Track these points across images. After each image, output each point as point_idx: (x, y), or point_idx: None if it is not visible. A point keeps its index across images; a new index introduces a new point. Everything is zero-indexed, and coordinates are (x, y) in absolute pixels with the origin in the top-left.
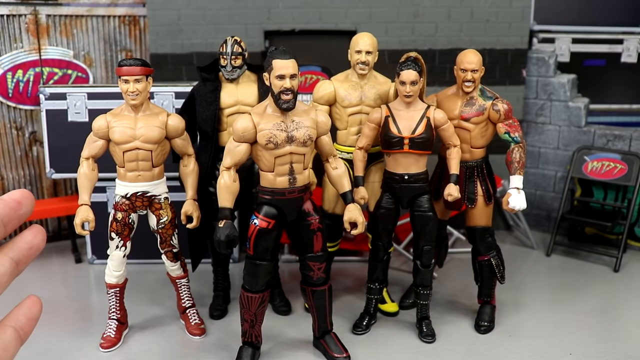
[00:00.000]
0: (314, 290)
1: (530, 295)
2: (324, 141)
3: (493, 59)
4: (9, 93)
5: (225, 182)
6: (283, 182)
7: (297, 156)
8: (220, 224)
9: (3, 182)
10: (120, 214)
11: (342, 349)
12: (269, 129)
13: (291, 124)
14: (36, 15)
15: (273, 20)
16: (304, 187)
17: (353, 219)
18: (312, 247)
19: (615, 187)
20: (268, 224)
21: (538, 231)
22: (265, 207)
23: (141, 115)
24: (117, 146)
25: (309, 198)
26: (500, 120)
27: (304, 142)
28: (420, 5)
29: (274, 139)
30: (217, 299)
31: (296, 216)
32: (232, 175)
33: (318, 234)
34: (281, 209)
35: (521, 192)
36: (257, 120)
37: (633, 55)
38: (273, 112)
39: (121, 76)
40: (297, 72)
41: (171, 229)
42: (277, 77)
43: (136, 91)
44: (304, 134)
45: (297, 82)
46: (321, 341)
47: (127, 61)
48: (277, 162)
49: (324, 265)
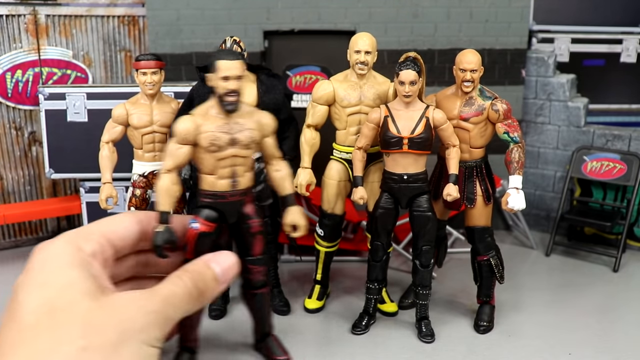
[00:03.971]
0: (254, 294)
1: (529, 295)
2: (268, 143)
3: (492, 59)
4: (8, 93)
5: (165, 185)
6: (225, 185)
7: (240, 159)
8: (159, 229)
9: (2, 183)
10: (139, 190)
11: (282, 352)
12: (212, 131)
13: (235, 126)
14: (35, 15)
15: (272, 20)
16: (246, 190)
17: (295, 221)
18: (252, 250)
19: (614, 187)
20: (209, 228)
21: (537, 231)
22: (206, 210)
23: (155, 104)
24: (136, 130)
25: (251, 201)
26: (500, 120)
27: (247, 145)
28: (420, 5)
29: (216, 142)
30: (217, 298)
31: (237, 219)
32: (173, 178)
33: (259, 237)
34: (221, 212)
35: (520, 192)
36: (199, 122)
37: (632, 55)
38: (217, 113)
39: (139, 69)
40: (243, 73)
41: (182, 203)
42: (221, 79)
43: (153, 82)
44: (247, 136)
45: (243, 83)
46: (262, 345)
47: (145, 56)
48: (219, 164)
49: (263, 269)
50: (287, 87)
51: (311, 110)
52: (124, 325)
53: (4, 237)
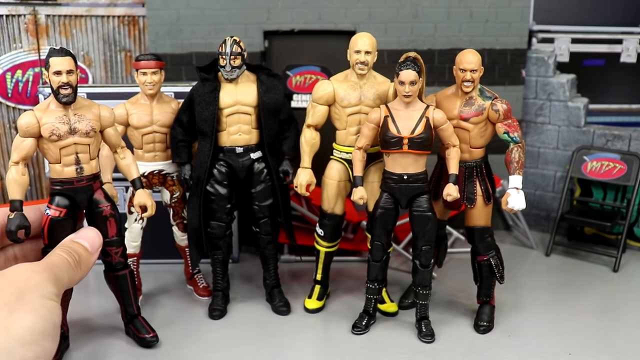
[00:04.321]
0: (116, 276)
1: (529, 295)
2: (109, 133)
3: (492, 59)
4: (8, 93)
5: (14, 177)
6: (70, 172)
7: (82, 146)
8: (11, 216)
9: (2, 182)
10: None
11: (149, 330)
12: (51, 122)
13: (73, 117)
14: (35, 15)
15: (272, 20)
16: (93, 176)
17: (142, 202)
18: (106, 233)
19: (614, 187)
20: (60, 213)
21: (537, 231)
22: (57, 197)
23: (155, 104)
24: (136, 130)
25: (100, 187)
26: (500, 120)
27: (87, 133)
28: (420, 5)
29: (56, 131)
30: (217, 298)
31: (88, 204)
32: (21, 169)
33: (111, 219)
34: (72, 198)
35: (520, 192)
36: (39, 115)
37: (632, 55)
38: (56, 107)
39: (139, 69)
40: (74, 68)
41: (182, 203)
42: (54, 74)
43: (153, 82)
44: (86, 125)
45: (75, 77)
46: (130, 326)
47: (145, 56)
48: (62, 152)
49: (120, 250)
50: (287, 87)
51: (311, 110)
52: (20, 284)
53: None
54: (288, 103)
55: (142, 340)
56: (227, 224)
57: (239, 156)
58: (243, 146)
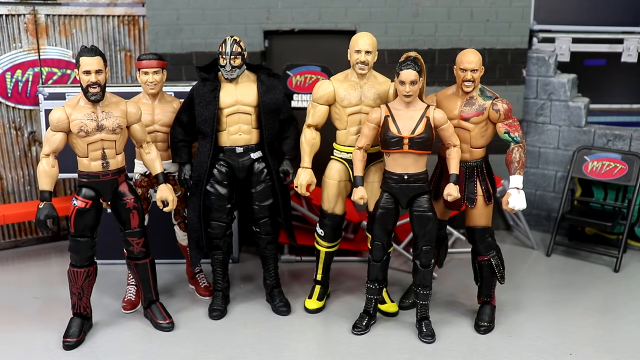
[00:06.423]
0: (137, 264)
1: (530, 296)
2: (136, 129)
3: (493, 59)
4: (8, 93)
5: (44, 168)
6: (97, 166)
7: (109, 142)
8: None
9: (2, 182)
10: (140, 189)
11: (165, 316)
12: (80, 119)
13: (101, 114)
14: (35, 15)
15: (272, 20)
16: (118, 170)
17: (164, 197)
18: (129, 224)
19: (615, 187)
20: (86, 204)
21: (538, 231)
22: (83, 189)
23: (157, 103)
24: None
25: (125, 180)
26: (500, 120)
27: (113, 130)
28: (420, 5)
29: (84, 128)
30: (217, 298)
31: (113, 196)
32: (51, 161)
33: (134, 212)
34: (97, 190)
35: (521, 192)
36: (69, 111)
37: (633, 55)
38: (85, 104)
39: (141, 69)
40: (103, 67)
41: (184, 202)
42: (84, 73)
43: (154, 81)
44: (113, 122)
45: (104, 76)
46: (148, 310)
47: (146, 55)
48: (89, 148)
49: (142, 240)
50: (287, 87)
51: (311, 110)
52: None
53: (3, 237)
54: (288, 103)
55: (158, 326)
56: (227, 224)
57: (239, 156)
58: (243, 146)
